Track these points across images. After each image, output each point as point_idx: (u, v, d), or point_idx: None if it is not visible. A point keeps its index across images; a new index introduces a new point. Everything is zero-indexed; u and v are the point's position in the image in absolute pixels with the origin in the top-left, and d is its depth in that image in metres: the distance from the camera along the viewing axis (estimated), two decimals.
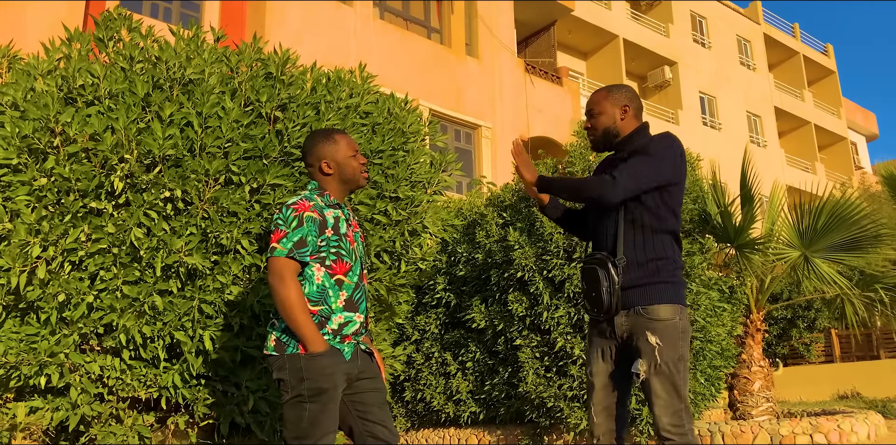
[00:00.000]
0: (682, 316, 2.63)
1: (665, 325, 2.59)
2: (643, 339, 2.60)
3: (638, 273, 2.65)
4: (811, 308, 13.85)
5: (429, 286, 7.07)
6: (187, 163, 3.61)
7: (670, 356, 2.57)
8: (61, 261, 3.44)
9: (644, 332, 2.60)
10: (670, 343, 2.58)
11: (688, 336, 2.64)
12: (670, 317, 2.60)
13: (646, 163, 2.65)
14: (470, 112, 15.93)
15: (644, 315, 2.61)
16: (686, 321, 2.65)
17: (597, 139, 2.88)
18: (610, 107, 2.83)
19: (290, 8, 13.37)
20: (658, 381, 2.56)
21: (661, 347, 2.57)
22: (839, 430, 6.29)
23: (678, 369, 2.57)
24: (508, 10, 17.79)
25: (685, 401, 2.59)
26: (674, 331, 2.59)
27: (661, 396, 2.56)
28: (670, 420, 2.55)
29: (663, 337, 2.58)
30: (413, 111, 4.45)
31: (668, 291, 2.63)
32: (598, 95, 2.89)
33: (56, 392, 3.57)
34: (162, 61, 3.84)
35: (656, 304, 2.61)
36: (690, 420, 2.59)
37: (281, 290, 2.47)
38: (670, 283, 2.65)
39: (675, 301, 2.63)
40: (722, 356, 6.88)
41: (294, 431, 2.47)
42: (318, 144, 2.71)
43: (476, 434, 6.84)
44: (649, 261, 2.65)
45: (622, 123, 2.82)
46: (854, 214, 6.60)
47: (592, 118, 2.87)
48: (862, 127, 32.78)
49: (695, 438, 2.58)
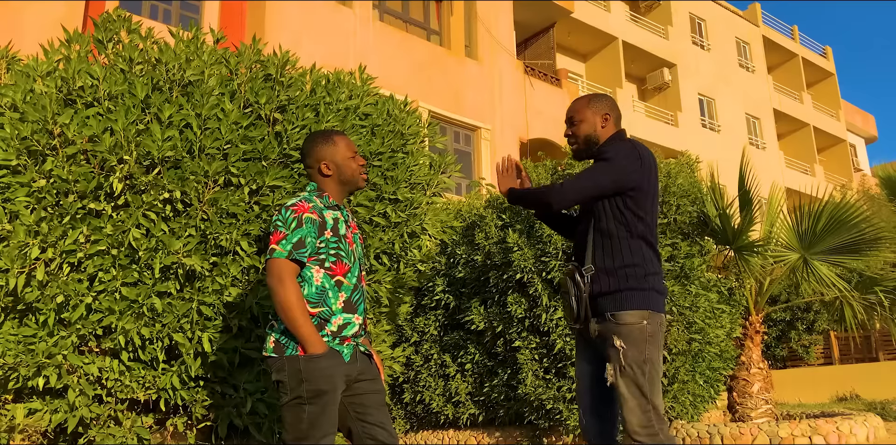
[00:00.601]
0: (651, 321, 2.66)
1: (630, 329, 2.64)
2: (609, 343, 2.66)
3: (608, 281, 2.70)
4: (810, 310, 13.85)
5: (428, 288, 7.07)
6: (186, 164, 3.61)
7: (635, 358, 2.61)
8: (60, 262, 3.44)
9: (611, 336, 2.65)
10: (635, 346, 2.62)
11: (657, 341, 2.67)
12: (636, 321, 2.64)
13: (598, 169, 2.72)
14: (469, 114, 15.93)
15: (612, 321, 2.67)
16: (655, 326, 2.67)
17: (579, 148, 2.92)
18: (591, 115, 2.87)
19: (289, 10, 13.37)
20: (623, 383, 2.61)
21: (624, 349, 2.61)
22: (838, 432, 6.29)
23: (643, 371, 2.61)
24: (508, 11, 17.80)
25: (653, 403, 2.60)
26: (640, 334, 2.63)
27: (627, 398, 2.60)
28: (638, 421, 2.58)
29: (628, 340, 2.62)
30: (412, 113, 4.45)
31: (635, 298, 2.67)
32: (578, 104, 2.92)
33: (54, 394, 3.57)
34: (161, 63, 3.84)
35: (624, 310, 2.66)
36: (661, 421, 2.60)
37: (280, 291, 2.47)
38: (638, 290, 2.68)
39: (642, 307, 2.66)
40: (721, 357, 6.88)
41: (293, 433, 2.47)
42: (317, 146, 2.71)
43: (475, 436, 6.83)
44: (618, 268, 2.70)
45: (602, 130, 2.86)
46: (853, 217, 6.60)
47: (573, 126, 2.91)
48: (861, 129, 32.81)
49: (667, 438, 2.60)
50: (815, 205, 6.80)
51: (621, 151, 2.73)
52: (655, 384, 2.64)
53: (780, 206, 7.25)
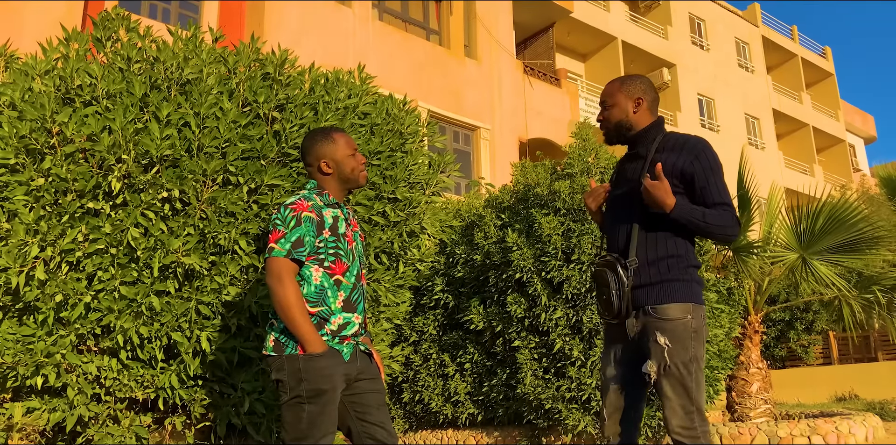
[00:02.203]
0: (695, 315, 2.55)
1: (675, 325, 2.52)
2: (652, 339, 2.53)
3: (648, 273, 2.59)
4: (809, 310, 13.86)
5: (427, 288, 7.07)
6: (185, 163, 3.60)
7: (680, 357, 2.50)
8: (59, 261, 3.44)
9: (654, 332, 2.53)
10: (680, 344, 2.51)
11: (701, 336, 2.56)
12: (680, 316, 2.53)
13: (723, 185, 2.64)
14: (468, 114, 15.93)
15: (653, 315, 2.55)
16: (700, 320, 2.56)
17: (609, 132, 2.81)
18: (623, 99, 2.75)
19: (288, 9, 13.37)
20: (667, 383, 2.51)
21: (670, 348, 2.50)
22: (837, 432, 6.29)
23: (689, 370, 2.50)
24: (507, 11, 17.80)
25: (697, 404, 2.51)
26: (684, 331, 2.52)
27: (671, 398, 2.50)
28: (679, 422, 2.48)
29: (673, 338, 2.51)
30: (411, 112, 4.45)
31: (678, 289, 2.56)
32: (611, 87, 2.80)
33: (53, 393, 3.57)
34: (160, 62, 3.83)
35: (666, 303, 2.55)
36: (704, 422, 2.51)
37: (279, 291, 2.47)
38: (681, 281, 2.58)
39: (685, 299, 2.55)
40: (720, 357, 6.88)
41: (292, 432, 2.46)
42: (317, 144, 2.70)
43: (474, 436, 6.83)
44: (659, 260, 2.59)
45: (635, 116, 2.75)
46: (852, 217, 6.60)
47: (605, 110, 2.80)
48: (860, 129, 32.83)
49: (708, 440, 2.51)
50: (814, 205, 6.80)
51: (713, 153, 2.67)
52: (701, 383, 2.54)
53: (780, 206, 7.25)
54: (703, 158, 2.62)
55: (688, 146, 2.66)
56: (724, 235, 2.60)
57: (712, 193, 2.61)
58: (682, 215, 2.57)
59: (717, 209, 2.60)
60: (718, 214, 2.58)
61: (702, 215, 2.58)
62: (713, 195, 2.60)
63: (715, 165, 2.64)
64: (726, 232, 2.59)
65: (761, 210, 7.16)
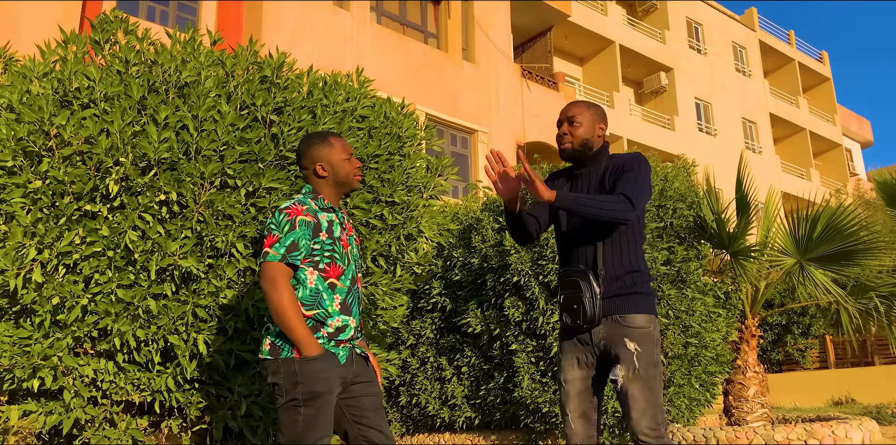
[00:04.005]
0: (655, 325, 2.78)
1: (642, 333, 2.72)
2: (621, 346, 2.71)
3: (616, 284, 2.77)
4: (806, 314, 13.87)
5: (424, 291, 7.06)
6: (182, 166, 3.60)
7: (648, 361, 2.69)
8: (56, 264, 3.43)
9: (622, 339, 2.71)
10: (647, 350, 2.70)
11: (660, 344, 2.81)
12: (646, 325, 2.74)
13: (643, 183, 2.77)
14: (466, 117, 15.94)
15: (622, 323, 2.73)
16: (658, 331, 2.79)
17: (573, 148, 2.91)
18: (591, 121, 2.92)
19: (286, 12, 13.38)
20: (636, 386, 2.66)
21: (639, 352, 2.69)
22: (834, 436, 6.29)
23: (654, 374, 2.69)
24: (505, 15, 17.83)
25: (660, 405, 2.69)
26: (650, 339, 2.73)
27: (639, 400, 2.65)
28: (648, 423, 2.63)
29: (641, 344, 2.70)
30: (409, 116, 4.45)
31: (643, 301, 2.78)
32: (580, 107, 2.93)
33: (49, 396, 3.56)
34: (158, 64, 3.83)
35: (633, 313, 2.74)
36: (666, 424, 2.69)
37: (273, 295, 2.47)
38: (645, 294, 2.79)
39: (649, 311, 2.78)
40: (717, 361, 6.88)
41: (289, 435, 2.46)
42: (313, 147, 2.71)
43: (471, 439, 6.82)
44: (626, 274, 2.79)
45: (597, 139, 2.93)
46: (849, 225, 6.60)
47: (572, 126, 2.90)
48: (857, 134, 32.90)
49: (669, 440, 2.67)
50: (812, 210, 6.81)
51: (648, 166, 2.84)
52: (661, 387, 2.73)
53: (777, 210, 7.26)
54: (629, 165, 2.81)
55: (624, 160, 2.86)
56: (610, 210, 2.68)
57: (620, 185, 2.77)
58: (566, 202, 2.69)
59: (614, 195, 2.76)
60: (606, 196, 2.73)
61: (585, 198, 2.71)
62: (620, 187, 2.76)
63: (635, 168, 2.80)
64: (614, 208, 2.69)
65: (759, 215, 7.16)
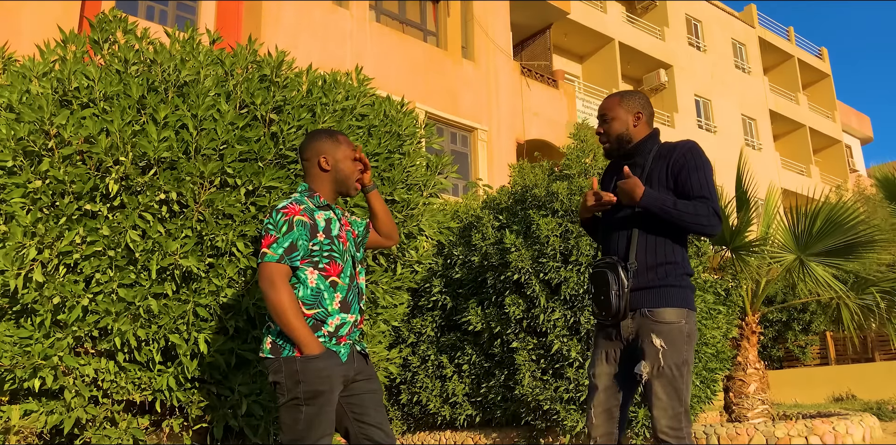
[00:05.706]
0: (689, 320, 2.64)
1: (670, 328, 2.60)
2: (648, 341, 2.60)
3: (647, 277, 2.66)
4: (806, 311, 13.87)
5: (425, 289, 7.07)
6: (182, 165, 3.60)
7: (674, 359, 2.58)
8: (56, 264, 3.43)
9: (649, 334, 2.61)
10: (674, 347, 2.59)
11: (693, 340, 2.65)
12: (676, 320, 2.61)
13: (711, 179, 2.69)
14: (466, 115, 15.93)
15: (650, 318, 2.62)
16: (692, 326, 2.65)
17: (610, 146, 2.87)
18: (623, 113, 2.83)
19: (285, 10, 13.37)
20: (660, 383, 2.57)
21: (665, 350, 2.58)
22: (834, 432, 6.30)
23: (681, 372, 2.58)
24: (504, 13, 17.81)
25: (685, 405, 2.59)
26: (679, 334, 2.60)
27: (662, 398, 2.57)
28: (668, 422, 2.55)
29: (668, 340, 2.59)
30: (409, 114, 4.45)
31: (675, 294, 2.65)
32: (611, 101, 2.86)
33: (50, 395, 3.56)
34: (157, 64, 3.83)
35: (663, 307, 2.63)
36: (689, 424, 2.60)
37: (272, 295, 2.46)
38: (677, 287, 2.66)
39: (681, 305, 2.64)
40: (717, 358, 6.88)
41: (290, 434, 2.46)
42: (320, 140, 2.69)
43: (472, 437, 6.83)
44: (658, 265, 2.67)
45: (635, 129, 2.82)
46: (849, 219, 6.61)
47: (605, 124, 2.85)
48: (856, 130, 32.89)
49: (691, 440, 2.59)
50: (812, 206, 6.82)
51: (702, 154, 2.73)
52: (689, 386, 2.63)
53: (777, 207, 7.26)
54: (688, 157, 2.71)
55: (676, 149, 2.75)
56: (696, 224, 2.63)
57: (693, 186, 2.68)
58: (651, 202, 2.64)
59: (695, 201, 2.66)
60: (692, 204, 2.64)
61: (672, 204, 2.64)
62: (693, 189, 2.67)
63: (699, 162, 2.71)
64: (700, 222, 2.63)
65: (759, 211, 7.17)
